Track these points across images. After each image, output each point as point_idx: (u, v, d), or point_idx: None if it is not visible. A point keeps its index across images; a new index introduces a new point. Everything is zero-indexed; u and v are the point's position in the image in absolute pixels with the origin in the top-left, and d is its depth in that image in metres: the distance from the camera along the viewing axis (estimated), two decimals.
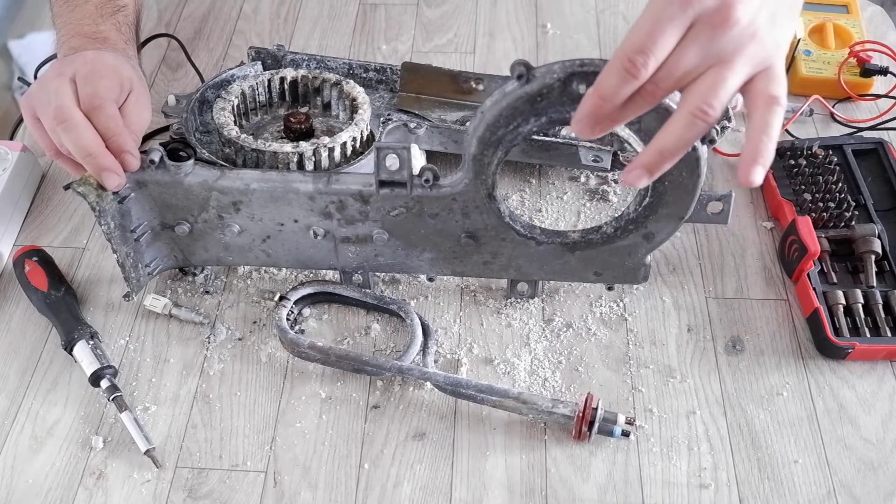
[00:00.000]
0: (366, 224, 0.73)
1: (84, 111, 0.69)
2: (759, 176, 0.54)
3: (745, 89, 0.56)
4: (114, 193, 0.70)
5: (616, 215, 0.72)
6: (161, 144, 0.73)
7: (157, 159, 0.70)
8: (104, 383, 0.73)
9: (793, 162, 0.87)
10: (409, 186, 0.69)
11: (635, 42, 0.52)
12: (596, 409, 0.69)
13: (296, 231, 0.75)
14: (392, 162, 0.68)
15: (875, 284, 0.79)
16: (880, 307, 0.77)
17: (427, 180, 0.69)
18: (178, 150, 0.73)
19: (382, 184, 0.70)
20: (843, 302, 0.77)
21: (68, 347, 0.75)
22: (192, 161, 0.72)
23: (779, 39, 0.55)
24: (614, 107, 0.54)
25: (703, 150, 0.64)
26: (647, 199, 0.68)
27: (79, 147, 0.68)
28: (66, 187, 0.70)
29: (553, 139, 0.86)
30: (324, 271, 0.81)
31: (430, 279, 0.81)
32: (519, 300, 0.80)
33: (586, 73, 0.60)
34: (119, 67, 0.74)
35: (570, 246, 0.73)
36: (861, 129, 0.93)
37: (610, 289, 0.79)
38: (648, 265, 0.75)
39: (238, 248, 0.77)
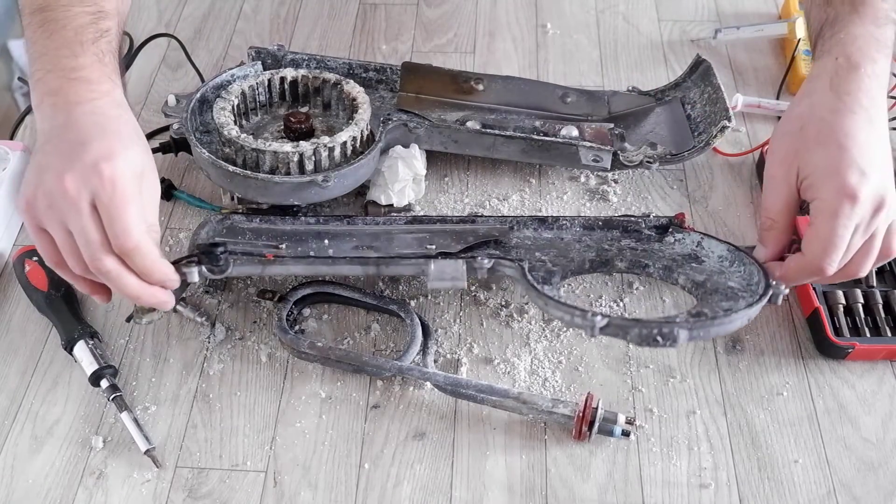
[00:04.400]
0: None
1: (118, 253, 0.64)
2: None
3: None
4: None
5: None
6: (197, 249, 0.71)
7: (196, 279, 0.71)
8: (104, 383, 0.73)
9: None
10: None
11: (820, 251, 0.66)
12: (596, 408, 0.69)
13: None
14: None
15: (875, 284, 0.79)
16: (880, 307, 0.77)
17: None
18: (208, 252, 0.71)
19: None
20: (843, 302, 0.77)
21: (68, 347, 0.75)
22: (230, 264, 0.72)
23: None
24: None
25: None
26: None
27: (123, 294, 0.67)
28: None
29: (553, 139, 0.86)
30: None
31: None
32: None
33: None
34: (136, 166, 0.65)
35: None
36: None
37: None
38: None
39: None
